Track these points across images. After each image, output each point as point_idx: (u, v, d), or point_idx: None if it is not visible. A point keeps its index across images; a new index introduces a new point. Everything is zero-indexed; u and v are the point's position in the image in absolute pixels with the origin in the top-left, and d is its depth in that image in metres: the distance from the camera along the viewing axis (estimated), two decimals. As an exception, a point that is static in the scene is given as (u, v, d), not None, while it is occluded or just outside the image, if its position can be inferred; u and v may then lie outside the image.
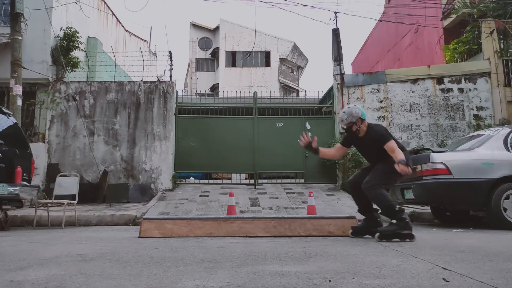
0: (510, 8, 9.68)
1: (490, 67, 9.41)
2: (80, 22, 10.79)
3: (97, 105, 9.46)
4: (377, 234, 3.66)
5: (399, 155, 3.55)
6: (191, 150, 9.59)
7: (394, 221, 3.62)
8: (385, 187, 3.73)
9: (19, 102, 7.89)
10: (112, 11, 13.93)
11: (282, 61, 29.47)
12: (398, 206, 3.70)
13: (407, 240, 3.55)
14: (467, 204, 5.24)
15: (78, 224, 6.17)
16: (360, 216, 4.17)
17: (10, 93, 7.93)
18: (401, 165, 3.45)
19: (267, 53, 28.83)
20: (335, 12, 10.22)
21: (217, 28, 29.46)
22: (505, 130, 5.30)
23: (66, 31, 9.78)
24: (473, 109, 9.39)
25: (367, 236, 3.95)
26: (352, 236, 4.00)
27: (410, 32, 14.38)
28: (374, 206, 3.89)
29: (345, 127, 3.94)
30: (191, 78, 29.39)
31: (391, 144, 3.66)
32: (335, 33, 10.05)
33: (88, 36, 11.54)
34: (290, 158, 9.54)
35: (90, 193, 8.58)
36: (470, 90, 9.47)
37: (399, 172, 3.49)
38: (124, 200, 8.65)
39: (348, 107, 3.94)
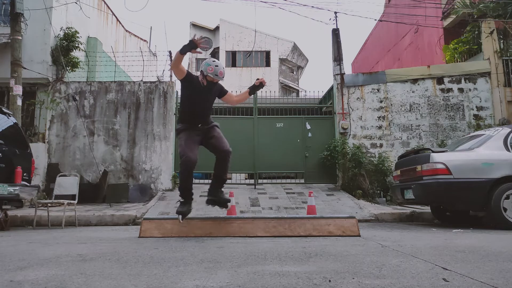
0: (510, 8, 9.67)
1: (490, 67, 9.41)
2: (80, 22, 10.79)
3: (97, 105, 9.46)
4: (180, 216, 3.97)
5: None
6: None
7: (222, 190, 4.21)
8: None
9: (19, 102, 7.89)
10: (112, 11, 13.93)
11: (282, 61, 29.46)
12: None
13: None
14: (467, 204, 5.23)
15: (78, 224, 6.17)
16: (360, 216, 4.17)
17: (10, 93, 7.94)
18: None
19: (267, 53, 28.83)
20: (335, 12, 10.22)
21: (217, 28, 29.47)
22: (505, 130, 5.30)
23: (66, 31, 9.78)
24: (473, 109, 9.39)
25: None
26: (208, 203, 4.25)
27: (410, 32, 14.39)
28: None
29: (221, 80, 3.95)
30: (191, 78, 29.34)
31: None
32: (335, 33, 10.05)
33: (88, 36, 11.54)
34: (290, 158, 9.54)
35: (90, 193, 8.58)
36: (470, 90, 9.48)
37: None
38: (124, 200, 8.65)
39: (216, 61, 3.96)
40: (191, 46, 3.65)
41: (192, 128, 3.99)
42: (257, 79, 4.08)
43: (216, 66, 3.86)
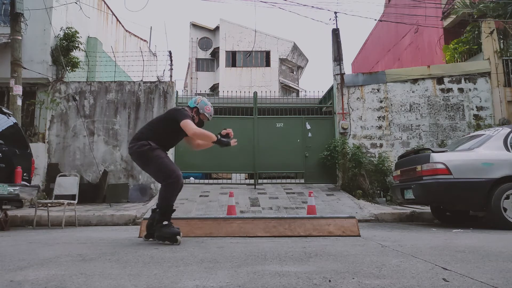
0: (510, 8, 9.67)
1: (490, 67, 9.41)
2: (80, 22, 10.79)
3: (97, 105, 9.46)
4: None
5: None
6: (191, 150, 9.57)
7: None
8: None
9: (19, 102, 7.89)
10: (112, 11, 13.93)
11: (282, 61, 29.47)
12: None
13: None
14: (467, 204, 5.24)
15: (78, 224, 6.17)
16: (360, 216, 4.16)
17: (10, 93, 7.94)
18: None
19: (267, 53, 28.84)
20: (335, 12, 10.23)
21: (217, 28, 29.47)
22: (505, 130, 5.30)
23: (66, 31, 9.78)
24: (473, 109, 9.39)
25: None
26: (146, 239, 3.79)
27: (410, 32, 14.39)
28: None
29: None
30: (191, 78, 29.40)
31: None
32: (335, 33, 10.05)
33: (88, 36, 11.54)
34: (290, 158, 9.54)
35: (90, 193, 8.58)
36: (470, 90, 9.48)
37: None
38: (124, 200, 8.65)
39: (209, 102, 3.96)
40: (227, 145, 3.71)
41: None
42: (224, 129, 3.81)
43: (211, 107, 3.93)
